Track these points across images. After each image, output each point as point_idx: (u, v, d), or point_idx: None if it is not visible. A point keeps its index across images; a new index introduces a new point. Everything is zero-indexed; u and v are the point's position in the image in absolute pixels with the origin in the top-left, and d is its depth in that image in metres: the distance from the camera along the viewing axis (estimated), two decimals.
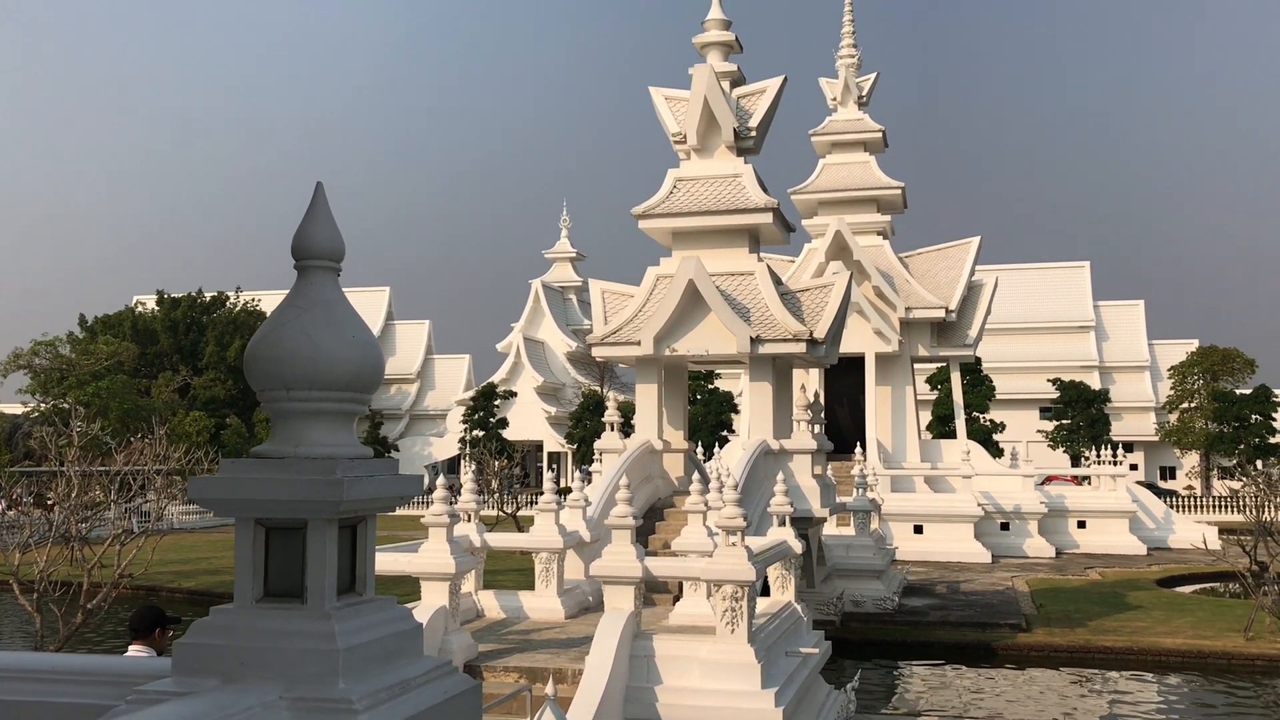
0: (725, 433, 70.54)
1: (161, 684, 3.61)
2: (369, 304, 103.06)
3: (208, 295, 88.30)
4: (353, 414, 3.97)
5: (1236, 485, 61.51)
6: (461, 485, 16.69)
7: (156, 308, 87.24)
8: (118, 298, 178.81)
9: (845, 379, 43.37)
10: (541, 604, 16.09)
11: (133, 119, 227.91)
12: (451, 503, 14.30)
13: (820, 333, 21.56)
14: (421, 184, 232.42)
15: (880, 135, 46.04)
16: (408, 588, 13.23)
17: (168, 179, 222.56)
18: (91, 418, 44.55)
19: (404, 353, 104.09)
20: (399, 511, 66.05)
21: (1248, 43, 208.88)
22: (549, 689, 10.01)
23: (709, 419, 71.81)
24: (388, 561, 13.91)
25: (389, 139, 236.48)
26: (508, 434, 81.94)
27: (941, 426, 66.54)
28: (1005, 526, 42.75)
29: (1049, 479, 53.70)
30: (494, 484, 47.21)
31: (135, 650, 7.54)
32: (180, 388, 79.10)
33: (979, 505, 40.91)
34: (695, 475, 17.08)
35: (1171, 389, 78.74)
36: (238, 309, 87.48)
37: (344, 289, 4.13)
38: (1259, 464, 68.65)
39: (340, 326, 3.88)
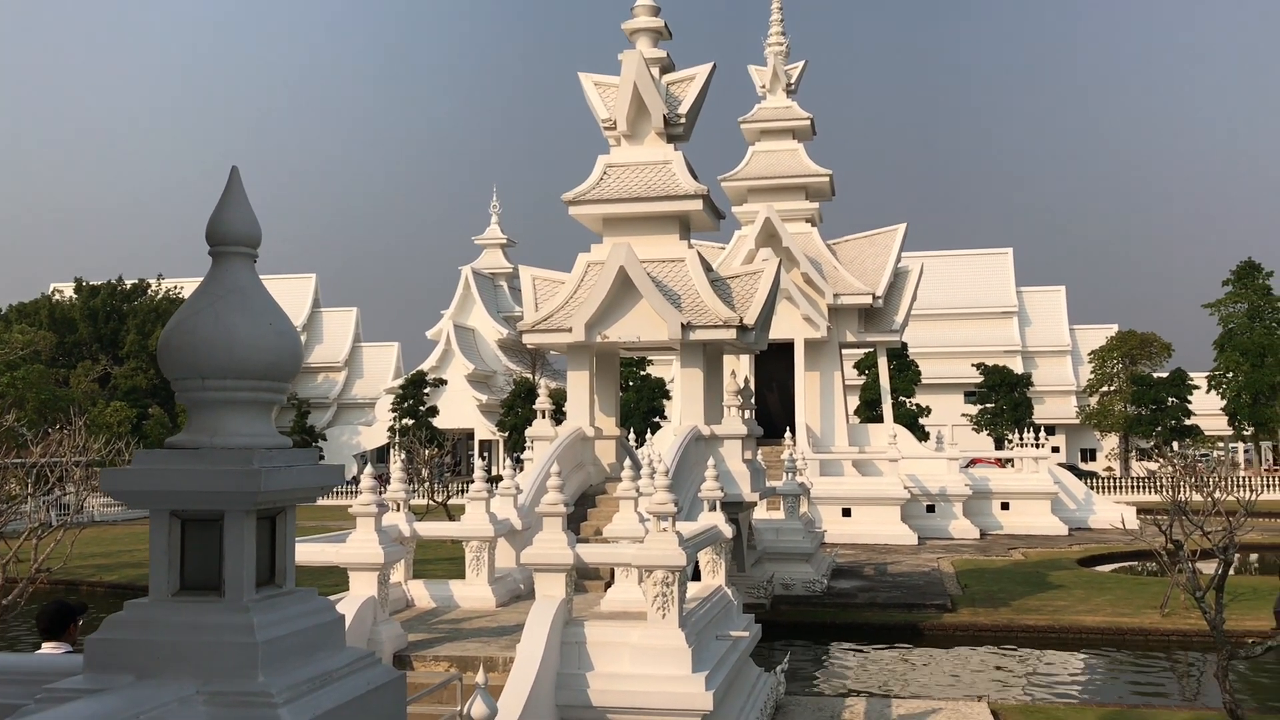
0: (657, 419, 70.75)
1: (72, 681, 3.52)
2: (294, 291, 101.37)
3: (128, 283, 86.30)
4: (271, 403, 3.90)
5: (1154, 466, 63.25)
6: (390, 474, 16.52)
7: (75, 296, 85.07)
8: (33, 285, 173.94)
9: (775, 365, 43.73)
10: (472, 593, 16.00)
11: (46, 104, 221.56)
12: (380, 492, 14.15)
13: (750, 319, 21.69)
14: (348, 169, 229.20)
15: (809, 123, 46.39)
16: (336, 578, 13.08)
17: (84, 165, 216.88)
18: (6, 409, 43.32)
19: (331, 341, 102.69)
20: (328, 502, 65.26)
21: (1165, 32, 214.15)
22: (480, 678, 9.95)
23: (641, 405, 71.99)
24: (314, 552, 13.71)
25: (315, 124, 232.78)
26: (438, 422, 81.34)
27: (869, 411, 67.43)
28: (931, 509, 43.50)
29: (973, 462, 54.77)
30: (424, 473, 46.83)
31: (48, 650, 7.27)
32: (100, 377, 77.27)
33: (906, 488, 41.56)
34: (627, 462, 17.09)
35: (1091, 373, 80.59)
36: (160, 297, 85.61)
37: (268, 276, 4.10)
38: (1175, 445, 70.70)
39: (257, 314, 3.80)
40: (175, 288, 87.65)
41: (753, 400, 24.86)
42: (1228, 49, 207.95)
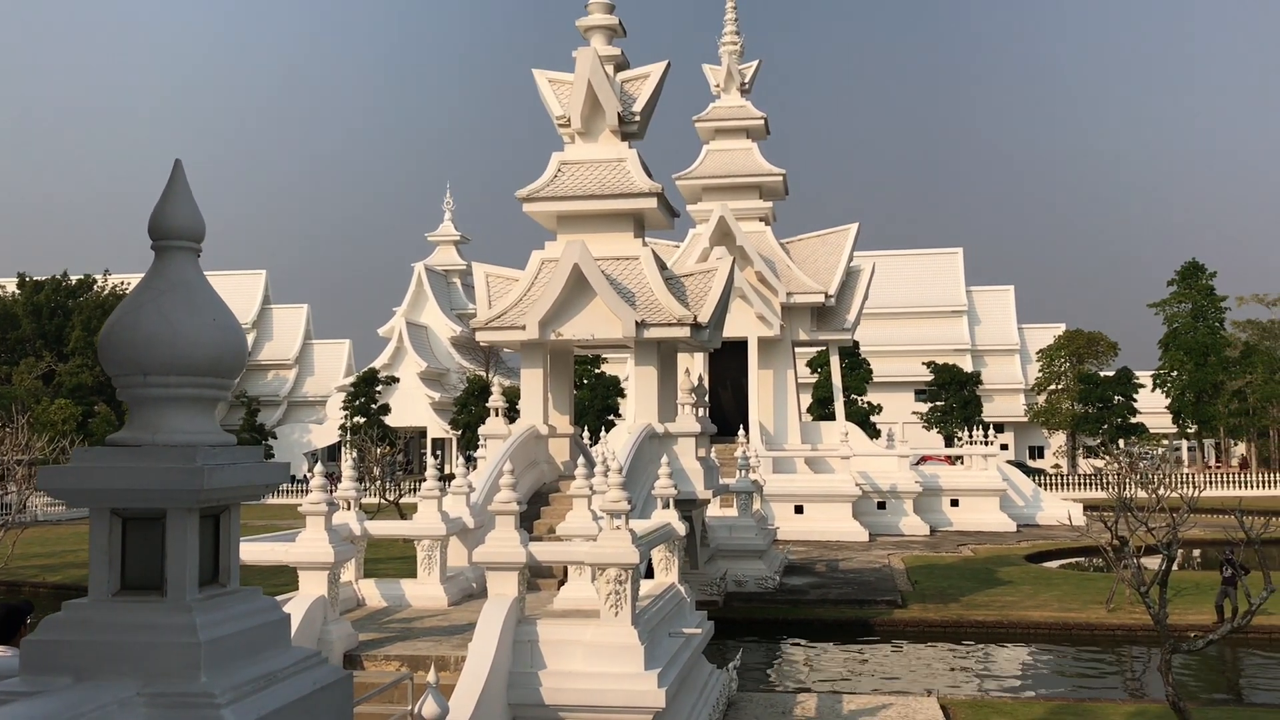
0: (612, 417, 70.75)
1: (8, 684, 3.44)
2: (244, 288, 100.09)
3: (74, 278, 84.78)
4: (214, 400, 3.84)
5: (1100, 463, 64.30)
6: (341, 473, 16.37)
7: (18, 291, 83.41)
8: None
9: (729, 363, 43.90)
10: (424, 591, 15.89)
11: None
12: (331, 491, 14.01)
13: (704, 317, 21.74)
14: (300, 165, 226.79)
15: (762, 122, 46.58)
16: (285, 578, 12.93)
17: (27, 158, 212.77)
18: None
19: (281, 338, 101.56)
20: (278, 501, 64.55)
21: (1113, 37, 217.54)
22: (431, 677, 9.88)
23: (595, 403, 71.94)
24: (263, 551, 13.55)
25: (267, 119, 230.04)
26: (390, 420, 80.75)
27: (821, 409, 67.89)
28: (882, 505, 43.88)
29: (924, 459, 55.32)
30: (376, 471, 46.46)
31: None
32: (44, 374, 75.84)
33: (857, 485, 41.90)
34: (580, 459, 17.06)
35: (1040, 371, 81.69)
36: (106, 292, 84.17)
37: (218, 273, 4.04)
38: (1121, 443, 71.85)
39: (200, 309, 3.74)
40: (122, 283, 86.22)
41: (707, 398, 24.93)
42: (1174, 54, 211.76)
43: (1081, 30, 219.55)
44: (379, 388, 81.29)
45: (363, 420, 76.76)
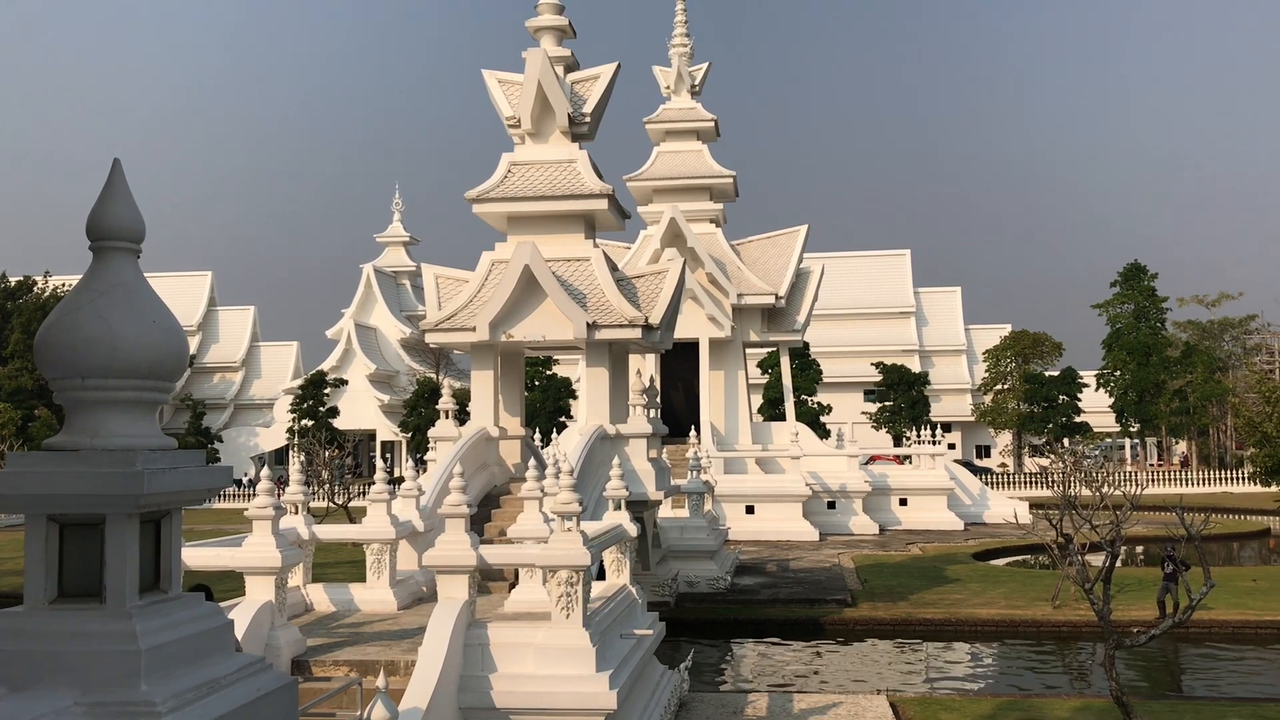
0: (564, 418, 70.60)
1: None
2: (190, 289, 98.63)
3: (12, 280, 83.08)
4: (155, 403, 3.77)
5: (1045, 462, 65.24)
6: (289, 476, 16.18)
7: None
8: None
9: (680, 364, 44.00)
10: (373, 596, 15.75)
11: None
12: (278, 494, 13.84)
13: (655, 318, 21.77)
14: (246, 165, 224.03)
15: (713, 124, 46.74)
16: (232, 583, 12.76)
17: None
18: None
19: (228, 340, 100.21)
20: (225, 505, 63.69)
21: (1052, 44, 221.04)
22: (380, 681, 9.79)
23: (547, 405, 71.77)
24: (209, 556, 13.36)
25: (212, 118, 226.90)
26: (339, 423, 79.95)
27: (772, 409, 68.25)
28: (832, 505, 44.19)
29: (873, 459, 55.79)
30: (324, 475, 45.97)
31: None
32: None
33: (807, 485, 42.17)
34: (531, 462, 17.00)
35: (986, 371, 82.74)
36: (46, 294, 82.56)
37: (162, 274, 3.98)
38: (1066, 442, 73.00)
39: (140, 311, 3.67)
40: (63, 285, 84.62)
41: (658, 399, 24.96)
42: (1116, 59, 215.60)
43: (1023, 35, 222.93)
44: (327, 390, 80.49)
45: (311, 423, 75.94)
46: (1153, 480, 65.40)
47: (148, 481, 3.47)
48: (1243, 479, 64.36)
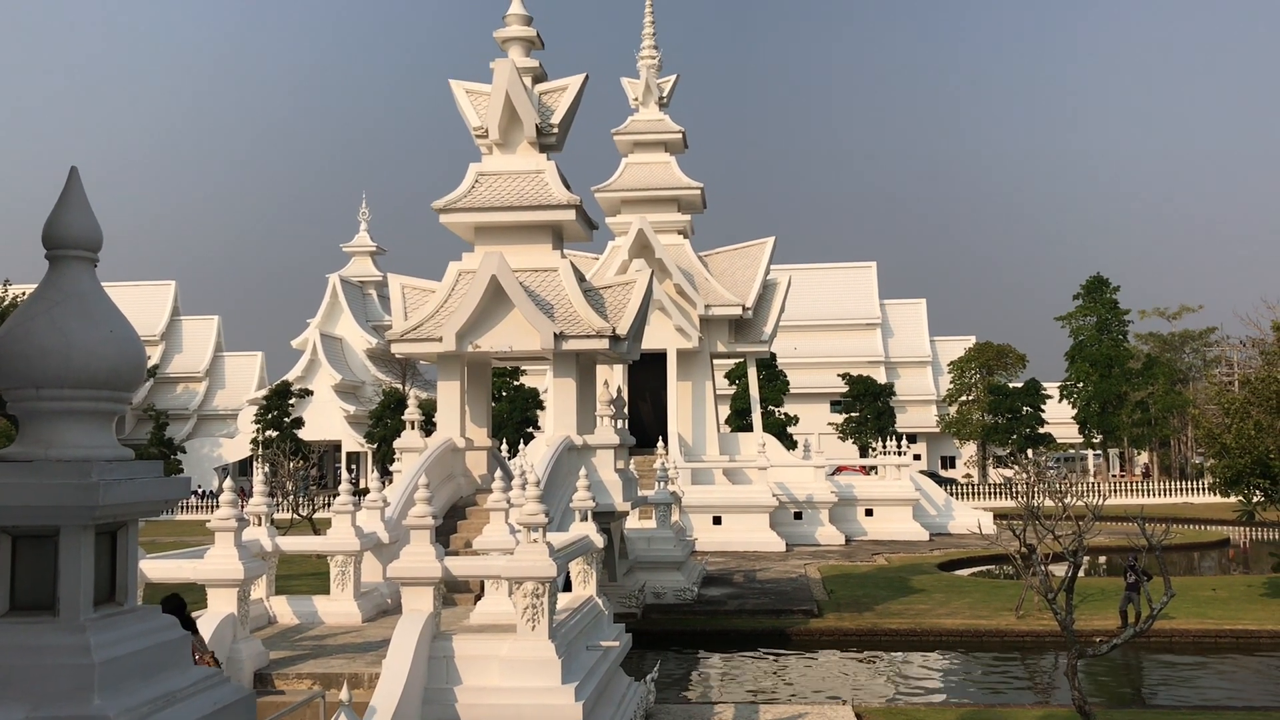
0: (531, 429, 70.39)
1: None
2: (152, 299, 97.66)
3: None
4: (111, 413, 3.73)
5: (1009, 473, 65.71)
6: (253, 488, 16.05)
7: None
8: None
9: (647, 375, 44.03)
10: (337, 608, 15.65)
11: None
12: (241, 506, 13.73)
13: (623, 329, 21.77)
14: (211, 173, 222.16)
15: (680, 136, 46.89)
16: (194, 596, 12.62)
17: None
18: None
19: (191, 350, 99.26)
20: (188, 517, 63.01)
21: (1012, 57, 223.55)
22: (344, 694, 9.72)
23: (514, 416, 71.52)
24: (170, 569, 13.23)
25: (174, 125, 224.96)
26: (304, 434, 79.28)
27: (739, 420, 68.39)
28: (799, 516, 44.33)
29: (839, 469, 56.01)
30: (288, 486, 45.57)
31: None
32: None
33: (774, 496, 42.28)
34: (498, 473, 16.96)
35: (951, 383, 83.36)
36: (5, 303, 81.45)
37: (124, 283, 3.94)
38: (1029, 453, 73.63)
39: (96, 320, 3.63)
40: (22, 294, 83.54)
41: (625, 410, 24.95)
42: (1077, 73, 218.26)
43: (982, 50, 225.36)
44: (292, 401, 79.83)
45: (275, 434, 75.30)
46: (1115, 491, 66.04)
47: (103, 493, 3.43)
48: (1203, 490, 65.09)
